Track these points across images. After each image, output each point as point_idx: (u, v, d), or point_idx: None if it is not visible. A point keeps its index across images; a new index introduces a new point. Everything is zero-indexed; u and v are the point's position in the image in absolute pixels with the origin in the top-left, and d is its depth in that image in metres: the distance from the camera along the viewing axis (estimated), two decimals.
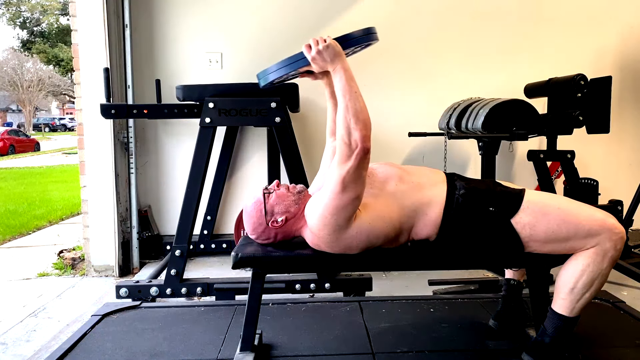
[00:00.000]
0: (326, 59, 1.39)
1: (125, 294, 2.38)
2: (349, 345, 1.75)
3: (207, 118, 2.43)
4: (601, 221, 1.43)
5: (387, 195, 1.48)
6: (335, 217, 1.39)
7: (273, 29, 3.37)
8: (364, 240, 1.45)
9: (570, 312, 1.47)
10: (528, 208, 1.46)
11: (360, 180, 1.36)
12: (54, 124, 34.18)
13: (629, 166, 3.55)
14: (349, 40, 1.45)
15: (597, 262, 1.43)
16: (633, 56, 3.48)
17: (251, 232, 1.57)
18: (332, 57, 1.39)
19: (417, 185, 1.51)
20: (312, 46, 1.40)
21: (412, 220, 1.48)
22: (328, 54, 1.39)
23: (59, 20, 30.72)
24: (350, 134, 1.34)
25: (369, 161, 1.38)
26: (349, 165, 1.34)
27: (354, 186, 1.36)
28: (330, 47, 1.38)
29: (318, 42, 1.39)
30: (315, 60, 1.41)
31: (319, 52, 1.39)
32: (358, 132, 1.33)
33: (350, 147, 1.34)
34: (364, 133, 1.33)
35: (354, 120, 1.34)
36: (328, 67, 1.40)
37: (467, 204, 1.47)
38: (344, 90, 1.37)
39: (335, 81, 1.39)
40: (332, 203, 1.38)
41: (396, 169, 1.55)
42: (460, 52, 3.42)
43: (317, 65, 1.42)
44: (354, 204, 1.38)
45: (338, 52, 1.39)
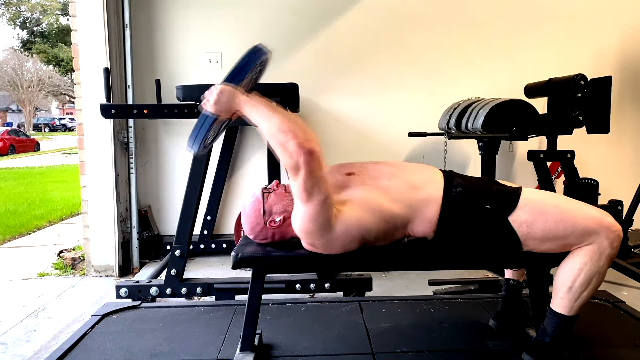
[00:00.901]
0: (224, 105, 1.40)
1: (125, 294, 2.38)
2: (349, 345, 1.75)
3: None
4: (598, 219, 1.44)
5: (377, 190, 1.47)
6: (314, 223, 1.39)
7: (273, 29, 3.37)
8: (356, 236, 1.43)
9: (569, 311, 1.47)
10: (525, 206, 1.46)
11: (321, 182, 1.35)
12: (54, 124, 34.18)
13: (629, 166, 3.55)
14: (236, 74, 1.44)
15: (594, 261, 1.43)
16: (633, 56, 3.48)
17: (249, 231, 1.57)
18: (228, 100, 1.40)
19: (412, 181, 1.50)
20: (207, 101, 1.41)
21: (407, 216, 1.47)
22: (224, 100, 1.40)
23: (59, 20, 30.72)
24: (287, 148, 1.32)
25: (320, 160, 1.34)
26: (302, 174, 1.32)
27: (317, 190, 1.35)
28: (222, 92, 1.39)
29: (209, 94, 1.40)
30: (216, 111, 1.41)
31: (215, 103, 1.40)
32: (291, 142, 1.31)
33: (293, 158, 1.32)
34: (297, 140, 1.31)
35: (282, 135, 1.32)
36: (232, 109, 1.41)
37: (464, 202, 1.47)
38: (257, 119, 1.37)
39: (249, 116, 1.40)
40: (306, 212, 1.38)
41: (388, 167, 1.55)
42: (461, 52, 3.42)
43: (223, 114, 1.43)
44: (326, 205, 1.37)
45: (230, 93, 1.40)
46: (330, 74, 3.42)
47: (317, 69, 3.42)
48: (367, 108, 3.45)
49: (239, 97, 1.40)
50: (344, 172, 1.54)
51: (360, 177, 1.51)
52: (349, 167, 1.57)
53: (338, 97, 3.43)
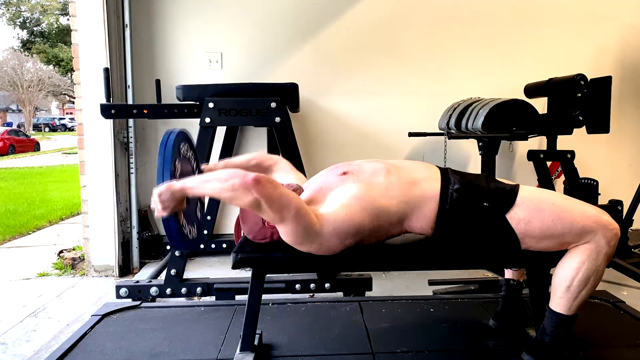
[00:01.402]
0: (170, 202, 1.40)
1: (125, 294, 2.38)
2: (349, 345, 1.75)
3: (207, 118, 2.43)
4: (595, 218, 1.44)
5: (372, 186, 1.47)
6: (298, 236, 1.39)
7: (273, 29, 3.37)
8: (348, 232, 1.42)
9: (567, 310, 1.47)
10: (523, 204, 1.46)
11: (283, 198, 1.34)
12: (54, 124, 34.16)
13: (629, 166, 3.55)
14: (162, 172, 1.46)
15: (592, 259, 1.43)
16: (633, 56, 3.48)
17: (248, 231, 1.57)
18: (170, 196, 1.39)
19: (409, 178, 1.50)
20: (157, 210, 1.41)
21: (403, 212, 1.47)
22: (166, 199, 1.39)
23: (59, 20, 30.72)
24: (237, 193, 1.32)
25: (268, 181, 1.34)
26: (263, 202, 1.32)
27: (285, 208, 1.34)
28: (160, 194, 1.39)
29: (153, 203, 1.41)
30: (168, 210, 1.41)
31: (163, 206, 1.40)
32: (235, 185, 1.31)
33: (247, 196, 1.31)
34: (236, 181, 1.31)
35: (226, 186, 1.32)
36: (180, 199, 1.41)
37: (462, 199, 1.47)
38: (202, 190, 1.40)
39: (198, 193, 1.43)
40: (287, 231, 1.39)
41: (384, 164, 1.55)
42: (461, 52, 3.42)
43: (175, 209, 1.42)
44: (301, 215, 1.36)
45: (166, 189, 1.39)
46: (330, 74, 3.42)
47: (317, 69, 3.42)
48: (367, 108, 3.45)
49: (175, 188, 1.40)
50: (338, 173, 1.54)
51: (355, 176, 1.51)
52: (345, 166, 1.57)
53: (338, 97, 3.43)
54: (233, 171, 1.37)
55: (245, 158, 1.87)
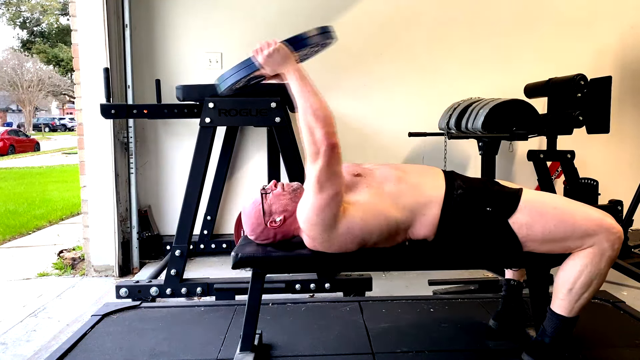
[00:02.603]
0: (275, 62, 1.41)
1: (125, 294, 2.38)
2: (349, 345, 1.75)
3: (207, 118, 2.42)
4: (599, 221, 1.43)
5: (383, 195, 1.48)
6: (320, 216, 1.40)
7: (273, 28, 3.37)
8: (357, 236, 1.44)
9: (569, 312, 1.47)
10: (525, 208, 1.46)
11: (335, 176, 1.37)
12: (54, 124, 34.17)
13: (629, 166, 3.55)
14: (298, 42, 1.44)
15: (595, 262, 1.43)
16: (633, 56, 3.48)
17: (250, 232, 1.57)
18: (281, 60, 1.40)
19: (416, 185, 1.51)
20: (259, 50, 1.41)
21: (409, 220, 1.48)
22: (276, 58, 1.40)
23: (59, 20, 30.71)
24: (313, 133, 1.34)
25: (340, 156, 1.37)
26: (320, 164, 1.34)
27: (330, 184, 1.36)
28: (277, 50, 1.40)
29: (265, 46, 1.41)
30: (265, 64, 1.42)
31: (268, 56, 1.41)
32: (320, 130, 1.34)
33: (316, 145, 1.34)
34: (326, 130, 1.34)
35: (314, 119, 1.34)
36: (279, 70, 1.42)
37: (465, 204, 1.47)
38: (298, 92, 1.38)
39: (290, 84, 1.41)
40: (314, 203, 1.39)
41: (394, 170, 1.55)
42: (461, 52, 3.42)
43: (268, 69, 1.43)
44: (336, 200, 1.38)
45: (286, 54, 1.40)
46: (331, 74, 3.42)
47: (317, 68, 3.39)
48: (367, 108, 3.45)
49: (291, 62, 1.40)
50: (352, 173, 1.55)
51: (367, 179, 1.51)
52: (356, 168, 1.57)
53: (338, 97, 3.43)
54: (330, 118, 1.36)
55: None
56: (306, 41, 1.44)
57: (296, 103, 1.38)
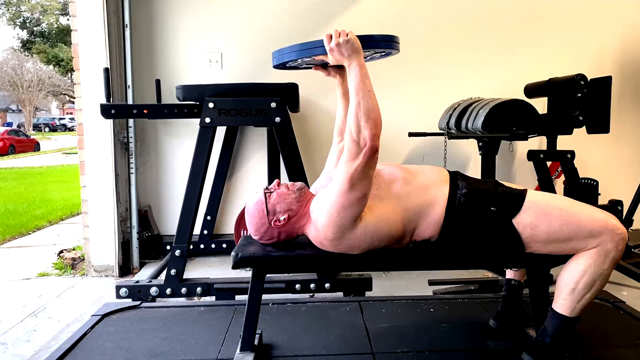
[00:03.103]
0: (344, 52, 1.39)
1: (125, 294, 2.38)
2: (349, 345, 1.75)
3: (207, 118, 2.43)
4: (603, 222, 1.43)
5: (391, 197, 1.48)
6: (341, 215, 1.39)
7: (273, 29, 3.37)
8: (367, 242, 1.45)
9: (571, 312, 1.47)
10: (530, 208, 1.46)
11: (367, 179, 1.37)
12: (54, 124, 34.16)
13: (629, 166, 3.54)
14: (370, 41, 1.45)
15: (598, 263, 1.43)
16: (633, 56, 3.48)
17: (254, 232, 1.57)
18: (350, 52, 1.39)
19: (422, 186, 1.51)
20: (332, 37, 1.40)
21: (415, 222, 1.48)
22: (347, 48, 1.39)
23: (59, 20, 30.73)
24: (360, 132, 1.35)
25: (377, 161, 1.39)
26: (357, 164, 1.34)
27: (360, 184, 1.36)
28: (351, 41, 1.38)
29: (340, 34, 1.39)
30: (333, 52, 1.41)
31: (339, 44, 1.39)
32: (368, 131, 1.34)
33: (359, 145, 1.34)
34: (374, 132, 1.34)
35: (365, 118, 1.34)
36: (344, 61, 1.40)
37: (469, 204, 1.47)
38: (357, 87, 1.37)
39: (350, 77, 1.39)
40: (339, 201, 1.38)
41: (402, 171, 1.55)
42: (461, 52, 3.42)
43: (334, 57, 1.42)
44: (361, 203, 1.38)
45: (357, 48, 1.39)
46: None
47: None
48: None
49: (359, 56, 1.39)
50: None
51: (375, 180, 1.51)
52: None
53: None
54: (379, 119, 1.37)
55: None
56: (378, 43, 1.46)
57: (352, 98, 1.37)
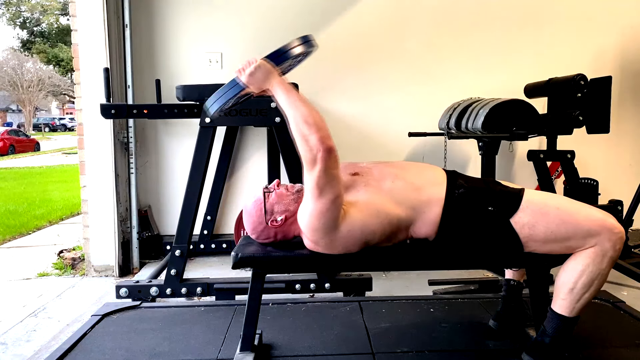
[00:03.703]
0: (258, 79, 1.41)
1: (125, 294, 2.38)
2: (349, 345, 1.75)
3: (207, 118, 2.43)
4: (601, 221, 1.43)
5: (381, 192, 1.48)
6: (321, 220, 1.39)
7: (273, 28, 3.37)
8: (358, 238, 1.44)
9: (570, 312, 1.47)
10: (527, 208, 1.46)
11: (334, 180, 1.36)
12: (54, 124, 34.17)
13: (629, 166, 3.55)
14: (279, 56, 1.44)
15: (596, 263, 1.43)
16: (633, 56, 3.48)
17: (251, 231, 1.57)
18: (264, 76, 1.40)
19: (416, 183, 1.51)
20: (242, 71, 1.41)
21: (410, 218, 1.48)
22: (259, 75, 1.40)
23: (59, 20, 30.73)
24: (308, 140, 1.33)
25: (337, 158, 1.37)
26: (318, 169, 1.34)
27: (329, 188, 1.35)
28: (259, 67, 1.40)
29: (247, 65, 1.41)
30: (249, 83, 1.42)
31: (250, 75, 1.40)
32: (314, 136, 1.33)
33: (312, 152, 1.33)
34: (320, 134, 1.33)
35: (306, 127, 1.34)
36: (263, 86, 1.42)
37: (467, 203, 1.47)
38: (285, 104, 1.38)
39: (277, 97, 1.41)
40: (315, 208, 1.39)
41: (392, 168, 1.55)
42: (460, 52, 3.42)
43: (254, 87, 1.43)
44: (336, 204, 1.38)
45: (267, 70, 1.40)
46: (330, 74, 3.42)
47: (317, 69, 3.41)
48: (367, 108, 3.45)
49: (274, 77, 1.40)
50: (349, 173, 1.55)
51: (365, 178, 1.51)
52: (354, 167, 1.57)
53: (338, 97, 3.43)
54: (322, 122, 1.35)
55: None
56: (287, 54, 1.45)
57: (286, 116, 1.38)
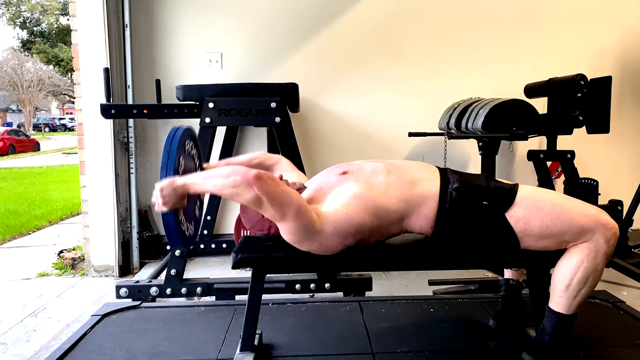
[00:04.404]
0: (171, 197, 1.41)
1: (125, 294, 2.38)
2: (349, 345, 1.75)
3: (207, 118, 2.43)
4: (594, 217, 1.44)
5: (372, 186, 1.48)
6: (298, 234, 1.39)
7: (273, 29, 3.38)
8: (348, 231, 1.42)
9: (567, 309, 1.47)
10: (522, 202, 1.46)
11: (285, 196, 1.34)
12: (54, 124, 34.16)
13: (629, 166, 3.55)
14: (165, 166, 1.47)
15: (591, 258, 1.43)
16: (633, 56, 3.48)
17: (247, 222, 1.59)
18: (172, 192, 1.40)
19: (409, 178, 1.51)
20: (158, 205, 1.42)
21: (403, 211, 1.47)
22: (168, 194, 1.40)
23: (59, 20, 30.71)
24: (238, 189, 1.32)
25: (270, 178, 1.35)
26: (265, 200, 1.32)
27: (286, 205, 1.34)
28: (162, 189, 1.40)
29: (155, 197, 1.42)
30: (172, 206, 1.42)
31: (164, 201, 1.40)
32: (237, 181, 1.32)
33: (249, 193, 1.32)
34: (239, 177, 1.32)
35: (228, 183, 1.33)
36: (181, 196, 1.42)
37: (461, 198, 1.47)
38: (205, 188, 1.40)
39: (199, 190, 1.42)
40: (287, 229, 1.39)
41: (384, 164, 1.55)
42: (460, 52, 3.42)
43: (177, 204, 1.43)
44: (301, 213, 1.36)
45: (168, 185, 1.40)
46: (330, 74, 3.42)
47: (317, 69, 3.42)
48: (367, 108, 3.45)
49: (177, 184, 1.40)
50: (338, 172, 1.55)
51: (355, 175, 1.52)
52: (344, 166, 1.58)
53: (338, 97, 3.43)
54: (235, 168, 1.37)
55: (247, 157, 1.88)
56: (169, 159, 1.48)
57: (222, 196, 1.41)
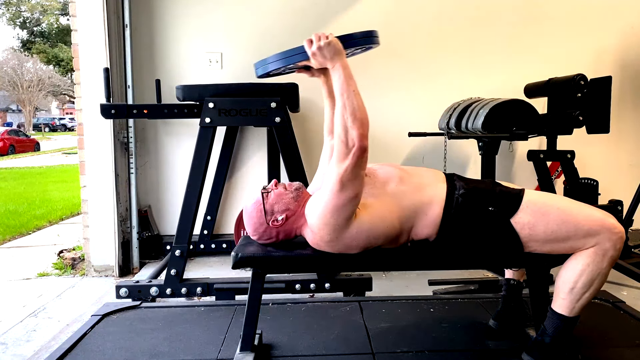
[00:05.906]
0: (326, 55, 1.39)
1: (125, 294, 2.38)
2: (349, 345, 1.75)
3: (207, 118, 2.43)
4: (600, 221, 1.44)
5: (387, 196, 1.48)
6: (334, 216, 1.39)
7: (273, 29, 3.37)
8: (363, 240, 1.45)
9: (570, 312, 1.47)
10: (527, 208, 1.46)
11: (358, 179, 1.36)
12: (54, 124, 34.18)
13: (629, 166, 3.54)
14: (351, 40, 1.45)
15: (596, 262, 1.43)
16: (633, 56, 3.48)
17: (252, 232, 1.57)
18: (332, 54, 1.39)
19: (418, 185, 1.51)
20: (313, 41, 1.40)
21: (412, 220, 1.48)
22: (328, 51, 1.39)
23: (59, 20, 30.73)
24: (348, 133, 1.34)
25: (367, 160, 1.38)
26: (347, 164, 1.34)
27: (352, 185, 1.36)
28: (331, 44, 1.38)
29: (320, 37, 1.39)
30: (315, 56, 1.41)
31: (320, 48, 1.39)
32: (355, 131, 1.33)
33: (347, 145, 1.34)
34: (361, 132, 1.34)
35: (351, 119, 1.34)
36: (327, 64, 1.40)
37: (467, 204, 1.48)
38: (341, 89, 1.37)
39: (334, 79, 1.39)
40: (331, 202, 1.38)
41: (397, 170, 1.56)
42: (461, 52, 3.42)
43: (316, 61, 1.42)
44: (353, 203, 1.38)
45: (338, 49, 1.39)
46: None
47: None
48: (367, 108, 3.43)
49: (341, 58, 1.39)
50: None
51: (371, 179, 1.51)
52: None
53: None
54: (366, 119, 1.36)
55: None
56: (357, 41, 1.46)
57: (336, 99, 1.37)
